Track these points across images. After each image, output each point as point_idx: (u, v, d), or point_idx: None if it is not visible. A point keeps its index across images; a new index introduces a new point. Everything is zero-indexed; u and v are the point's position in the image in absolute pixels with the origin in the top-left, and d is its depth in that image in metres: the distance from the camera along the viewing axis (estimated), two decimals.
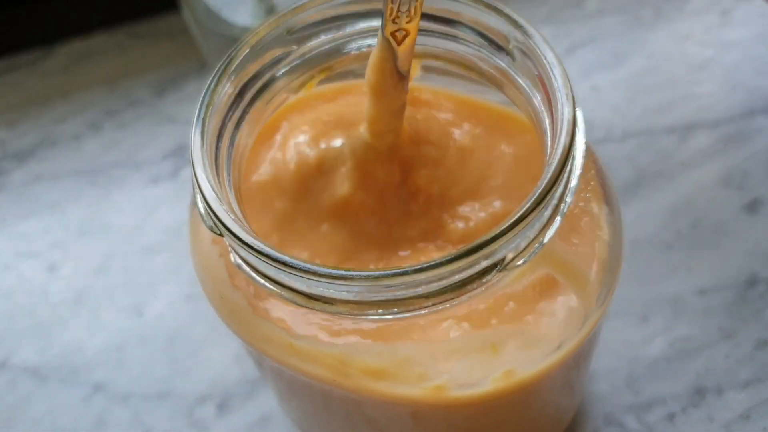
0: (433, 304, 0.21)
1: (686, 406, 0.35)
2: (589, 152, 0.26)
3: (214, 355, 0.39)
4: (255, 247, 0.20)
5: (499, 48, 0.24)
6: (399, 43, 0.23)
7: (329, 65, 0.26)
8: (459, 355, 0.23)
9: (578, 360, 0.28)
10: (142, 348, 0.39)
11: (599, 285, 0.25)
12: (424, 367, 0.23)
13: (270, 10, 0.37)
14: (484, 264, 0.20)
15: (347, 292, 0.20)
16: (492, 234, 0.20)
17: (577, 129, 0.21)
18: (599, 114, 0.45)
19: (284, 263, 0.20)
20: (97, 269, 0.42)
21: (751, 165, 0.42)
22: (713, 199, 0.41)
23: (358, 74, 0.28)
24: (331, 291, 0.21)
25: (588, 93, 0.46)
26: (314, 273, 0.20)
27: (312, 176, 0.25)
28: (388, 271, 0.20)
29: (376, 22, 0.26)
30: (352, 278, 0.20)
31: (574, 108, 0.21)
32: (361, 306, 0.21)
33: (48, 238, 0.44)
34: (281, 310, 0.24)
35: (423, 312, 0.21)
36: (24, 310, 0.41)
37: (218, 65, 0.24)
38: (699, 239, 0.40)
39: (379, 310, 0.21)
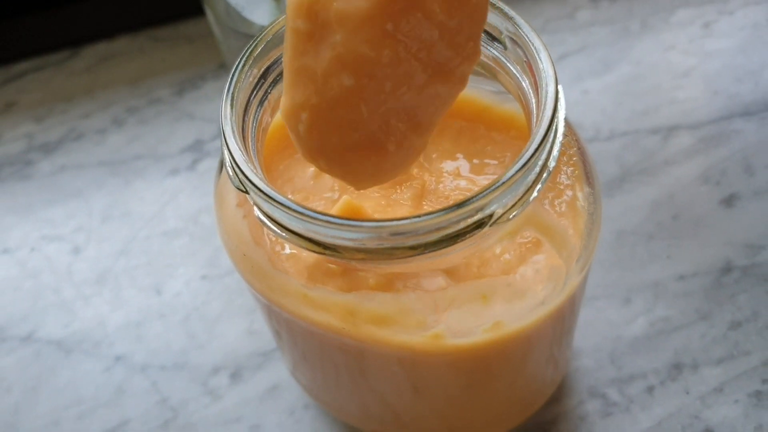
0: (431, 252, 0.24)
1: (664, 379, 0.38)
2: (571, 132, 0.29)
3: (228, 330, 0.42)
4: (277, 199, 0.23)
5: (493, 38, 0.28)
6: None
7: None
8: (453, 304, 0.26)
9: (561, 322, 0.30)
10: (160, 323, 0.42)
11: (579, 249, 0.28)
12: (423, 315, 0.26)
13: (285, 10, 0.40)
14: (477, 217, 0.23)
15: (356, 240, 0.23)
16: (484, 190, 0.23)
17: (558, 104, 0.25)
18: (588, 116, 0.48)
19: (302, 213, 0.23)
20: (119, 252, 0.45)
21: (728, 164, 0.45)
22: (693, 194, 0.44)
23: None
24: (341, 240, 0.24)
25: (578, 97, 0.49)
26: (328, 221, 0.23)
27: None
28: (393, 220, 0.23)
29: None
30: (361, 226, 0.23)
31: (557, 86, 0.25)
32: (366, 252, 0.24)
33: (72, 223, 0.47)
34: (298, 263, 0.27)
35: (422, 261, 0.24)
36: (49, 288, 0.44)
37: (245, 49, 0.27)
38: (679, 230, 0.43)
39: (383, 257, 0.24)
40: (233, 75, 0.26)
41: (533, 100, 0.26)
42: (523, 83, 0.27)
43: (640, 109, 0.48)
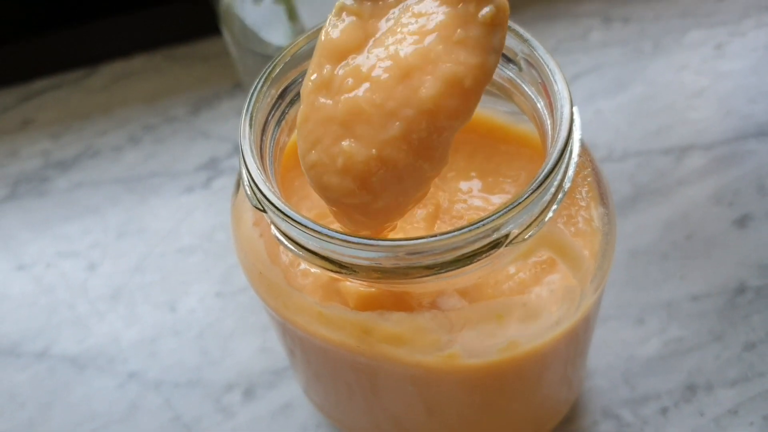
0: (447, 272, 0.24)
1: (678, 401, 0.38)
2: (585, 153, 0.29)
3: (241, 348, 0.42)
4: (294, 218, 0.24)
5: (508, 60, 0.28)
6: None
7: None
8: (468, 324, 0.26)
9: (575, 342, 0.30)
10: (174, 340, 0.43)
11: (594, 270, 0.28)
12: (438, 334, 0.26)
13: (301, 33, 0.41)
14: (493, 237, 0.23)
15: (372, 259, 0.24)
16: (500, 210, 0.23)
17: (574, 125, 0.25)
18: (602, 136, 0.48)
19: (319, 232, 0.23)
20: (134, 268, 0.46)
21: (741, 184, 0.45)
22: (706, 214, 0.44)
23: None
24: (357, 259, 0.24)
25: (592, 116, 0.49)
26: (345, 240, 0.23)
27: None
28: (409, 239, 0.23)
29: None
30: (377, 245, 0.23)
31: (572, 107, 0.25)
32: (382, 272, 0.24)
33: (88, 240, 0.47)
34: (313, 282, 0.27)
35: (438, 281, 0.24)
36: (64, 304, 0.45)
37: (264, 69, 0.28)
38: (692, 250, 0.43)
39: (399, 277, 0.24)
40: (252, 95, 0.27)
41: (548, 122, 0.27)
42: (538, 104, 0.27)
43: (653, 129, 0.48)
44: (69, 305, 0.45)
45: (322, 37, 0.25)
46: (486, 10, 0.23)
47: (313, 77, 0.25)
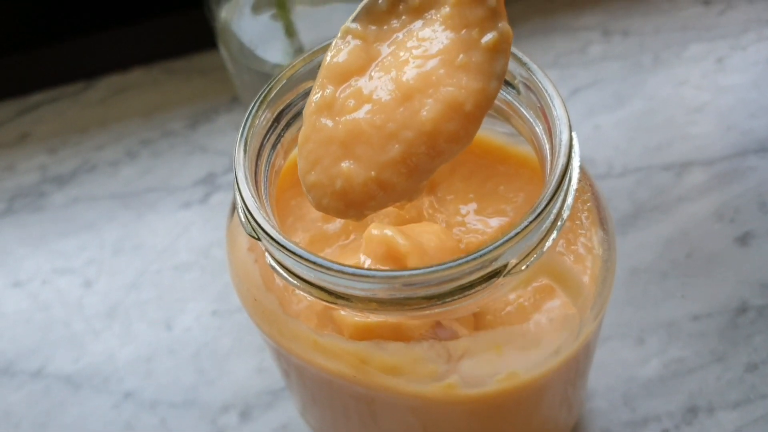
0: (444, 304, 0.23)
1: (679, 423, 0.38)
2: (585, 177, 0.29)
3: (238, 367, 0.41)
4: (289, 248, 0.23)
5: (507, 83, 0.28)
6: None
7: None
8: (467, 354, 0.26)
9: (575, 368, 0.30)
10: (170, 359, 0.42)
11: (593, 297, 0.27)
12: (436, 364, 0.26)
13: (299, 50, 0.40)
14: (491, 268, 0.23)
15: (367, 290, 0.23)
16: (497, 241, 0.23)
17: (573, 151, 0.24)
18: (601, 152, 0.48)
19: (314, 262, 0.23)
20: (130, 285, 0.45)
21: (742, 201, 0.45)
22: (707, 231, 0.44)
23: None
24: (353, 290, 0.23)
25: (591, 132, 0.49)
26: (341, 272, 0.23)
27: None
28: (404, 271, 0.23)
29: None
30: (373, 277, 0.23)
31: (571, 133, 0.24)
32: (378, 302, 0.23)
33: (84, 256, 0.47)
34: (309, 310, 0.27)
35: (435, 311, 0.24)
36: (59, 322, 0.44)
37: (259, 93, 0.27)
38: (693, 268, 0.42)
39: (395, 308, 0.24)
40: (246, 120, 0.26)
41: (547, 146, 0.26)
42: (537, 128, 0.27)
43: (653, 144, 0.48)
44: (64, 323, 0.44)
45: (327, 59, 0.25)
46: (489, 37, 0.23)
47: (315, 98, 0.25)
